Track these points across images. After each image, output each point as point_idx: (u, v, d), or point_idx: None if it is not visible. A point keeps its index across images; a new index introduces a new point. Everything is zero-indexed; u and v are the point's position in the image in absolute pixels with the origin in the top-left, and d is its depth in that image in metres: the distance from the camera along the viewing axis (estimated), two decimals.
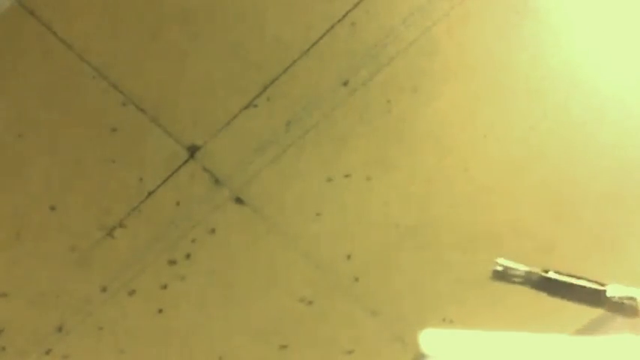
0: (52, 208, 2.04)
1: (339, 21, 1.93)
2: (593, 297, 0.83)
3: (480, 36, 1.98)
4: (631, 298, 0.80)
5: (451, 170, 2.07)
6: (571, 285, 0.86)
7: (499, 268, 0.88)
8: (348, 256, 2.11)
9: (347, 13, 1.93)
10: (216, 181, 2.05)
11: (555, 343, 0.47)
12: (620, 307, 0.80)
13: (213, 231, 2.10)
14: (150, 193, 2.05)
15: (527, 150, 2.06)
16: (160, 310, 2.17)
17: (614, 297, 0.79)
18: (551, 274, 0.85)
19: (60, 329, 2.17)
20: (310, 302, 2.19)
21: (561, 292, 0.86)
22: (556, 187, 2.08)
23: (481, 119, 2.03)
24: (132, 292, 2.14)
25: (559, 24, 1.99)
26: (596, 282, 0.86)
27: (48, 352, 2.18)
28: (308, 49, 1.95)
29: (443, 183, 2.09)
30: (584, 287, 0.85)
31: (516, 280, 0.87)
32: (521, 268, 0.88)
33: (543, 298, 2.27)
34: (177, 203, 2.06)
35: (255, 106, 1.99)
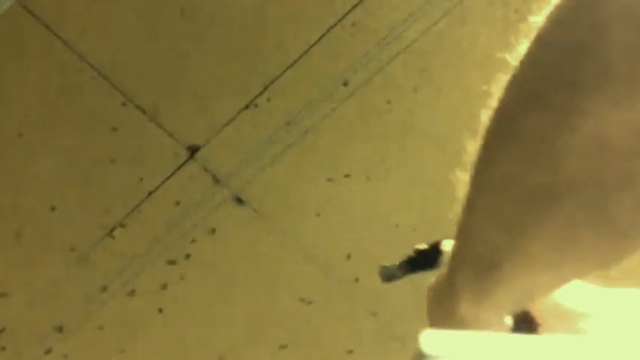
0: (52, 208, 2.04)
1: (339, 21, 1.93)
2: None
3: (479, 36, 1.98)
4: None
5: (451, 170, 2.07)
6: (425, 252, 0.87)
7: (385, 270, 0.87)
8: (348, 256, 2.11)
9: (347, 13, 1.93)
10: (216, 181, 2.05)
11: (555, 343, 0.47)
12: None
13: (213, 231, 2.10)
14: (150, 193, 2.05)
15: None
16: (160, 310, 2.17)
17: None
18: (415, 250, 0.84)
19: (60, 329, 2.17)
20: (310, 302, 2.19)
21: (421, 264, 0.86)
22: None
23: (481, 119, 2.03)
24: (132, 292, 2.14)
25: None
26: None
27: (48, 352, 2.18)
28: (308, 49, 1.95)
29: (443, 183, 2.09)
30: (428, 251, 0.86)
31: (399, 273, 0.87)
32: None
33: None
34: (177, 203, 2.06)
35: (256, 106, 1.99)
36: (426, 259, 0.83)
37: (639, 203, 0.43)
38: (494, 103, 0.51)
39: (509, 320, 0.63)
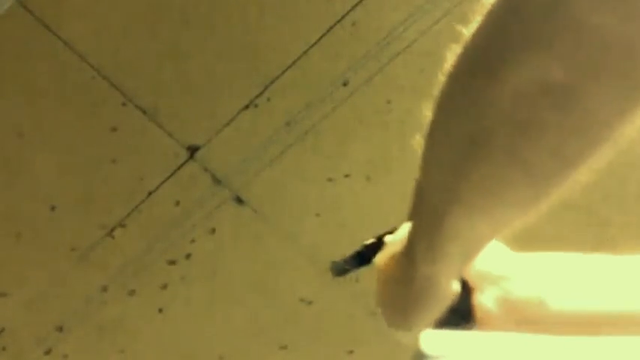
0: (52, 208, 2.04)
1: (339, 21, 1.93)
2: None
3: None
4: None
5: None
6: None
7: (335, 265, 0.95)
8: None
9: (347, 13, 1.93)
10: (216, 181, 2.05)
11: (555, 344, 0.47)
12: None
13: (213, 231, 2.10)
14: (150, 193, 2.05)
15: None
16: (160, 310, 2.17)
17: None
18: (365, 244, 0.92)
19: (60, 329, 2.17)
20: (310, 302, 2.19)
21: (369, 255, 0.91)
22: None
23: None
24: (132, 292, 2.14)
25: None
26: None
27: (48, 352, 2.18)
28: (308, 49, 1.95)
29: None
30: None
31: (349, 266, 0.94)
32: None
33: None
34: (177, 203, 2.06)
35: (256, 106, 1.99)
36: (373, 252, 0.89)
37: (549, 148, 0.53)
38: (447, 68, 0.60)
39: (457, 286, 0.73)
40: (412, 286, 0.73)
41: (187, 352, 2.26)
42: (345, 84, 1.98)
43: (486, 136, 0.54)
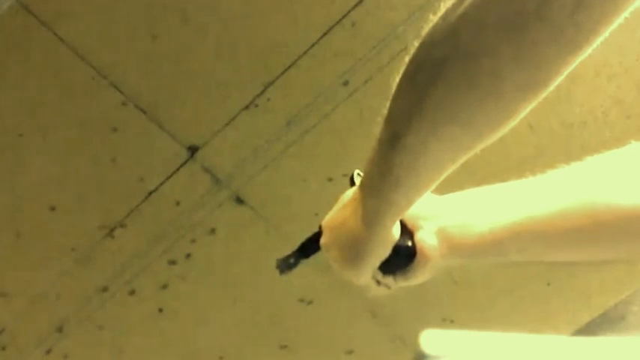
0: (52, 208, 2.04)
1: (339, 21, 1.93)
2: None
3: None
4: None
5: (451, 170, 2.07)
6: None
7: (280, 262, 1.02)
8: None
9: (347, 13, 1.93)
10: (216, 181, 2.05)
11: (555, 343, 0.47)
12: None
13: (213, 231, 2.10)
14: (150, 193, 2.05)
15: (527, 150, 2.06)
16: (160, 310, 2.18)
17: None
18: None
19: (60, 329, 2.17)
20: (310, 302, 2.19)
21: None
22: None
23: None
24: (132, 292, 2.14)
25: None
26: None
27: (48, 352, 2.19)
28: (308, 49, 1.95)
29: (441, 183, 2.09)
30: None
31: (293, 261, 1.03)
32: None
33: (543, 298, 2.27)
34: (177, 203, 2.06)
35: (256, 106, 1.99)
36: (315, 243, 0.99)
37: (494, 68, 0.63)
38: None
39: (397, 230, 0.84)
40: (361, 229, 0.84)
41: (187, 352, 2.26)
42: (345, 84, 1.98)
43: (449, 62, 0.65)
